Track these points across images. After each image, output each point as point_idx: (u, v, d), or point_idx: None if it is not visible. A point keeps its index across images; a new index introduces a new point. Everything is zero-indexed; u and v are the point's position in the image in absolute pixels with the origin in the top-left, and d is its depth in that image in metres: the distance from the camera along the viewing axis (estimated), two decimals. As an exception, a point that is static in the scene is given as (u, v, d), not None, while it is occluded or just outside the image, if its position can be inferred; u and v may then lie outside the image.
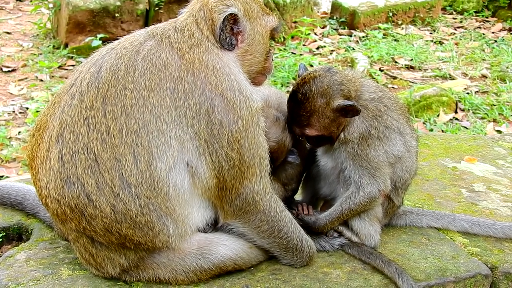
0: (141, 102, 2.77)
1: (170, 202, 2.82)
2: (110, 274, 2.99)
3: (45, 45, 9.98)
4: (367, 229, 3.39)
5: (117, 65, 2.83)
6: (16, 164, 6.39)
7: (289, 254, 3.19)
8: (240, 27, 3.05)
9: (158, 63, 2.84)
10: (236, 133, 2.87)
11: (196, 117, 2.82)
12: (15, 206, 3.72)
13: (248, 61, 3.11)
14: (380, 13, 11.46)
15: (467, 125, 7.59)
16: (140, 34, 2.99)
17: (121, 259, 2.95)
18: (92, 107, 2.78)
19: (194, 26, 2.99)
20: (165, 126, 2.78)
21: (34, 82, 8.49)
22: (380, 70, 9.36)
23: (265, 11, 3.20)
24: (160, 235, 2.87)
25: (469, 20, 12.26)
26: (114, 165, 2.73)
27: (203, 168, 2.86)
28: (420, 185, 4.23)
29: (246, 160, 2.92)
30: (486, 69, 9.56)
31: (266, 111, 3.25)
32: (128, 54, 2.86)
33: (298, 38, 10.40)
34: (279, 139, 3.21)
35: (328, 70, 3.23)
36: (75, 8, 9.38)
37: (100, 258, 2.95)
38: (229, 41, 3.00)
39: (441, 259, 3.34)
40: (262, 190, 3.02)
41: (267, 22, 3.18)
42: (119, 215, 2.77)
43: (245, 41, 3.08)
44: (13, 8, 12.06)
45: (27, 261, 3.18)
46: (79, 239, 2.96)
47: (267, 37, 3.18)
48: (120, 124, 2.75)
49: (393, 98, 3.39)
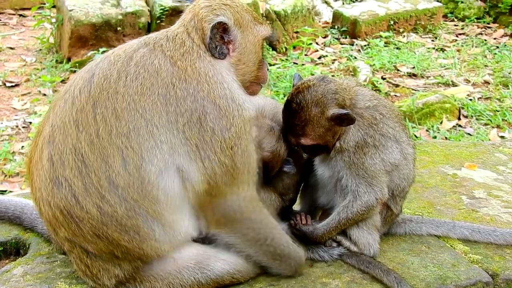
0: (132, 105, 2.76)
1: (158, 205, 2.79)
2: (106, 286, 2.97)
3: (48, 59, 10.05)
4: (366, 238, 3.36)
5: (109, 70, 2.84)
6: (19, 178, 6.41)
7: (276, 262, 3.15)
8: (231, 36, 3.04)
9: (150, 68, 2.85)
10: (229, 140, 2.85)
11: (187, 124, 2.80)
12: (13, 221, 3.71)
13: (241, 70, 3.10)
14: (381, 21, 11.47)
15: (470, 131, 7.57)
16: (134, 43, 3.01)
17: (116, 269, 2.92)
18: (82, 109, 2.78)
19: (185, 35, 3.00)
20: (156, 130, 2.76)
21: (37, 96, 8.54)
22: (383, 78, 9.35)
23: (258, 20, 3.20)
24: (147, 240, 2.83)
25: (470, 27, 12.25)
26: (102, 166, 2.72)
27: (195, 173, 2.83)
28: (420, 192, 4.20)
29: (239, 167, 2.90)
30: (489, 75, 9.53)
31: (261, 121, 3.25)
32: (121, 61, 2.87)
33: (299, 48, 10.42)
34: (274, 148, 3.20)
35: (322, 79, 3.23)
36: (77, 23, 9.45)
37: (96, 269, 2.93)
38: (219, 50, 3.00)
39: (441, 267, 3.30)
40: (249, 197, 3.00)
41: (259, 31, 3.17)
42: (105, 217, 2.74)
43: (237, 50, 3.07)
44: (16, 24, 12.18)
45: (24, 276, 3.17)
46: (73, 249, 2.94)
47: (259, 46, 3.17)
48: (109, 126, 2.73)
49: (388, 106, 3.37)
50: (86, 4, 9.82)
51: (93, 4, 9.86)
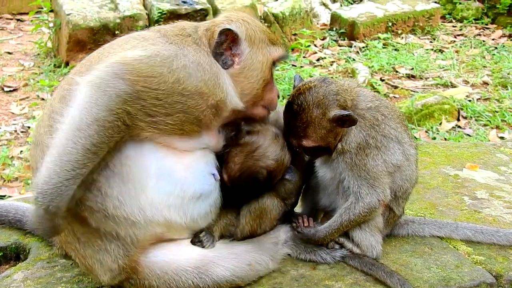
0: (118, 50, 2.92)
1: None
2: (103, 281, 2.95)
3: (46, 64, 10.02)
4: (368, 239, 3.34)
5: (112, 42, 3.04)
6: (18, 183, 6.38)
7: None
8: (239, 50, 3.07)
9: (139, 35, 3.01)
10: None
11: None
12: (13, 225, 3.69)
13: (241, 83, 3.09)
14: (379, 23, 11.47)
15: (469, 132, 7.55)
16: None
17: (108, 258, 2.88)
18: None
19: (193, 30, 3.08)
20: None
21: (36, 101, 8.50)
22: (381, 80, 9.34)
23: (272, 41, 3.22)
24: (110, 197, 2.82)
25: (468, 28, 12.26)
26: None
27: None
28: (422, 193, 4.19)
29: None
30: (487, 76, 9.53)
31: (264, 127, 3.23)
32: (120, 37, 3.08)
33: (298, 50, 10.40)
34: (278, 157, 3.17)
35: (323, 80, 3.21)
36: (75, 27, 9.42)
37: (90, 261, 2.91)
38: (224, 59, 3.03)
39: (445, 268, 3.29)
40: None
41: (271, 52, 3.19)
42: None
43: (241, 64, 3.08)
44: (14, 28, 12.15)
45: (24, 281, 3.15)
46: (67, 238, 2.94)
47: (267, 66, 3.16)
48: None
49: (390, 107, 3.35)
50: (84, 8, 9.80)
51: (91, 8, 9.84)
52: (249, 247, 3.23)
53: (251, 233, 3.31)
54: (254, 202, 3.26)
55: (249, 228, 3.29)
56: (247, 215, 3.27)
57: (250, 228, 3.29)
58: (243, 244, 3.25)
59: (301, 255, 3.38)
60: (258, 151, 3.12)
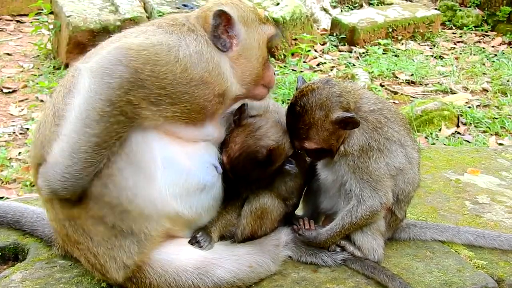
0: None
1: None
2: (115, 279, 2.93)
3: (46, 65, 9.99)
4: (370, 243, 3.32)
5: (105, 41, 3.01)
6: (16, 185, 6.34)
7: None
8: (235, 31, 3.08)
9: (136, 29, 2.99)
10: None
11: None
12: (12, 225, 3.66)
13: (242, 64, 3.11)
14: (379, 29, 11.48)
15: (469, 138, 7.54)
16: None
17: (123, 254, 2.87)
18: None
19: (185, 20, 3.08)
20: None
21: (35, 102, 8.46)
22: (381, 85, 9.33)
23: (262, 20, 3.24)
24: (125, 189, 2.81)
25: (468, 35, 12.28)
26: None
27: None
28: (423, 198, 4.17)
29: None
30: (487, 83, 9.53)
31: (267, 115, 3.23)
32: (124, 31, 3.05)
33: (298, 55, 10.40)
34: (279, 139, 3.14)
35: (326, 82, 3.20)
36: (75, 29, 9.39)
37: (103, 259, 2.89)
38: (222, 42, 3.04)
39: (446, 272, 3.27)
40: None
41: (264, 30, 3.21)
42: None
43: (240, 45, 3.10)
44: (13, 30, 12.13)
45: (22, 281, 3.12)
46: (79, 237, 2.90)
47: (263, 45, 3.20)
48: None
49: (393, 110, 3.34)
50: (84, 10, 9.77)
51: (91, 10, 9.81)
52: (250, 249, 3.21)
53: (251, 234, 3.29)
54: (255, 202, 3.25)
55: (250, 229, 3.27)
56: (248, 216, 3.26)
57: (251, 229, 3.27)
58: (244, 246, 3.23)
59: (302, 257, 3.36)
60: (260, 130, 3.12)
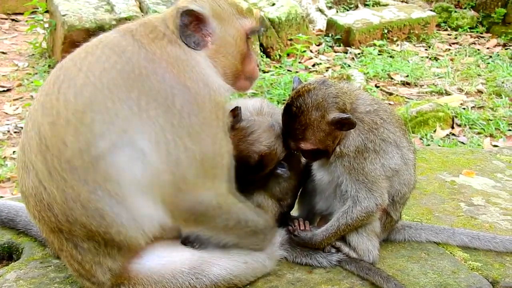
0: (92, 80, 2.65)
1: (118, 187, 2.63)
2: (102, 282, 2.85)
3: (41, 64, 9.97)
4: (365, 244, 3.32)
5: (79, 54, 2.79)
6: (10, 184, 6.33)
7: (252, 239, 3.11)
8: (209, 28, 2.97)
9: (117, 49, 2.76)
10: (196, 125, 2.73)
11: (152, 103, 2.66)
12: (6, 224, 3.64)
13: (220, 62, 3.02)
14: (375, 30, 11.50)
15: (464, 140, 7.57)
16: (108, 32, 2.96)
17: (108, 261, 2.81)
18: (48, 91, 2.70)
19: (159, 21, 2.95)
20: (112, 104, 2.62)
21: (29, 101, 8.44)
22: (376, 86, 9.36)
23: (242, 13, 3.13)
24: (114, 226, 2.68)
25: (463, 36, 12.32)
26: (61, 147, 2.60)
27: (157, 157, 2.67)
28: (418, 199, 4.18)
29: (209, 158, 2.78)
30: (482, 84, 9.57)
31: (261, 118, 3.22)
32: (91, 44, 2.82)
33: (293, 56, 10.41)
34: (271, 144, 3.14)
35: (322, 82, 3.19)
36: (71, 28, 9.37)
37: (88, 265, 2.81)
38: (194, 39, 2.92)
39: (441, 274, 3.27)
40: (224, 194, 2.90)
41: (242, 24, 3.10)
42: (70, 202, 2.62)
43: (216, 43, 3.00)
44: (8, 28, 12.09)
45: (17, 281, 3.10)
46: (63, 247, 2.82)
47: (241, 40, 3.09)
48: (68, 103, 2.62)
49: (389, 111, 3.34)
50: (79, 9, 9.75)
51: (86, 9, 9.79)
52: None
53: (246, 234, 3.28)
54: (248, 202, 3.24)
55: (244, 229, 3.26)
56: None
57: None
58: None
59: (297, 258, 3.35)
60: (252, 135, 3.11)
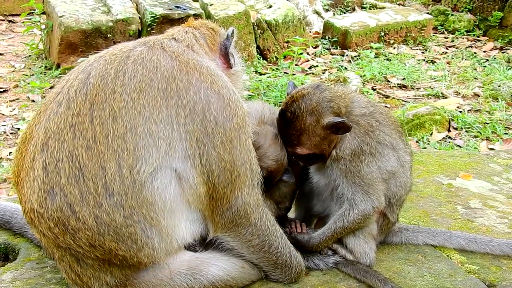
0: (130, 104, 2.66)
1: (154, 211, 2.68)
2: None
3: (37, 65, 9.94)
4: (362, 246, 3.32)
5: (106, 70, 2.75)
6: (6, 185, 6.31)
7: (278, 270, 3.12)
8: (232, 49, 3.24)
9: (149, 65, 2.78)
10: (230, 131, 2.81)
11: (189, 115, 2.73)
12: (1, 226, 3.63)
13: (235, 81, 3.18)
14: (372, 32, 11.51)
15: (460, 143, 7.57)
16: (129, 43, 2.96)
17: (107, 277, 2.83)
18: (79, 113, 2.66)
19: (190, 36, 3.08)
20: (155, 126, 2.66)
21: (26, 102, 8.43)
22: (373, 89, 9.36)
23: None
24: (145, 249, 2.74)
25: (460, 40, 12.32)
26: (99, 173, 2.60)
27: (191, 173, 2.75)
28: (415, 202, 4.18)
29: (238, 164, 2.85)
30: (478, 87, 9.57)
31: (264, 128, 3.21)
32: (118, 60, 2.79)
33: (290, 58, 10.41)
34: (278, 157, 3.15)
35: (317, 87, 3.18)
36: (67, 29, 9.35)
37: (86, 277, 2.83)
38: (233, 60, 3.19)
39: (438, 277, 3.27)
40: (254, 202, 2.95)
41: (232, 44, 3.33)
42: (102, 226, 2.63)
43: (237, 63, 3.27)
44: (5, 29, 12.06)
45: (13, 282, 3.10)
46: (64, 258, 2.83)
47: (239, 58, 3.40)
48: (107, 129, 2.62)
49: (385, 113, 3.34)
50: (76, 10, 9.73)
51: (83, 11, 9.77)
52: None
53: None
54: None
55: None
56: None
57: None
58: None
59: (294, 260, 3.34)
60: (259, 151, 3.10)
